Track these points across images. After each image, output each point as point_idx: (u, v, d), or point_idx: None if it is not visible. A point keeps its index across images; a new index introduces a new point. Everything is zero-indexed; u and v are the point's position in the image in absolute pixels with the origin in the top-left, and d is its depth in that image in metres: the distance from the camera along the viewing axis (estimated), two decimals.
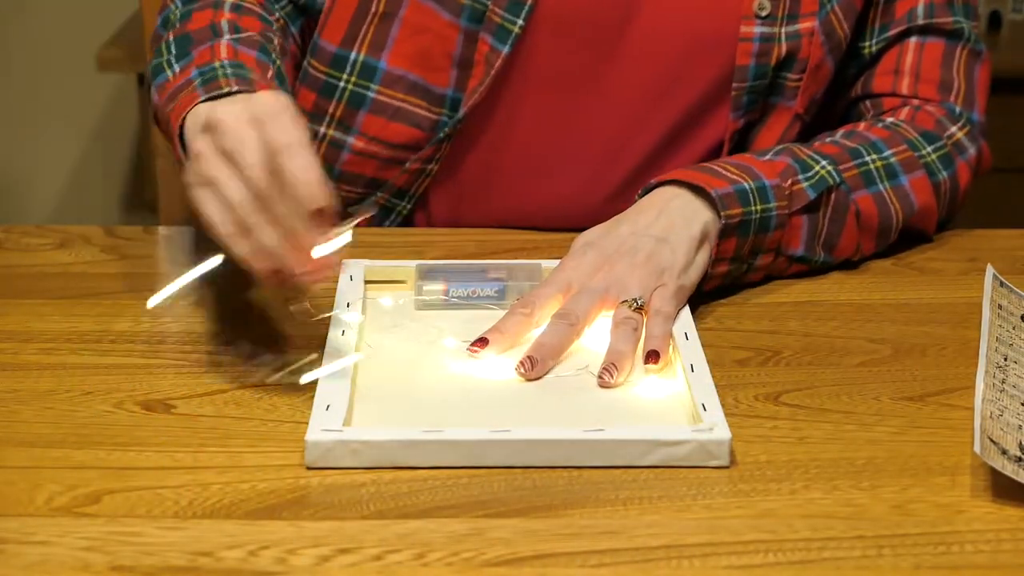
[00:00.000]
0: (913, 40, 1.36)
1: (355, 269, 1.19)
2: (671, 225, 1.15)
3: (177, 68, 1.19)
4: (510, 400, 1.03)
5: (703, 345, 1.08)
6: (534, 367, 1.04)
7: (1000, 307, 1.13)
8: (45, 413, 1.02)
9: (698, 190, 1.17)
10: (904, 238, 1.32)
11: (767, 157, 1.24)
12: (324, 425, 0.95)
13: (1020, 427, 0.96)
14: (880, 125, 1.32)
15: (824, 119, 1.40)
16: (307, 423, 0.96)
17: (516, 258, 1.25)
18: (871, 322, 1.17)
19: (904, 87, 1.36)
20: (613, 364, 1.04)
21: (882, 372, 1.09)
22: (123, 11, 2.71)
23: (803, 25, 1.31)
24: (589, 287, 1.11)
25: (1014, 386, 1.02)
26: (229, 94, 1.09)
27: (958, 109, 1.35)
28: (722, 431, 0.95)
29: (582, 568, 0.84)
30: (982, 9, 2.26)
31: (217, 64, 1.15)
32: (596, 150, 1.34)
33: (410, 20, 1.32)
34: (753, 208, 1.17)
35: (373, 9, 1.32)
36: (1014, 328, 1.11)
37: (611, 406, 1.02)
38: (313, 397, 1.00)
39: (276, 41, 1.26)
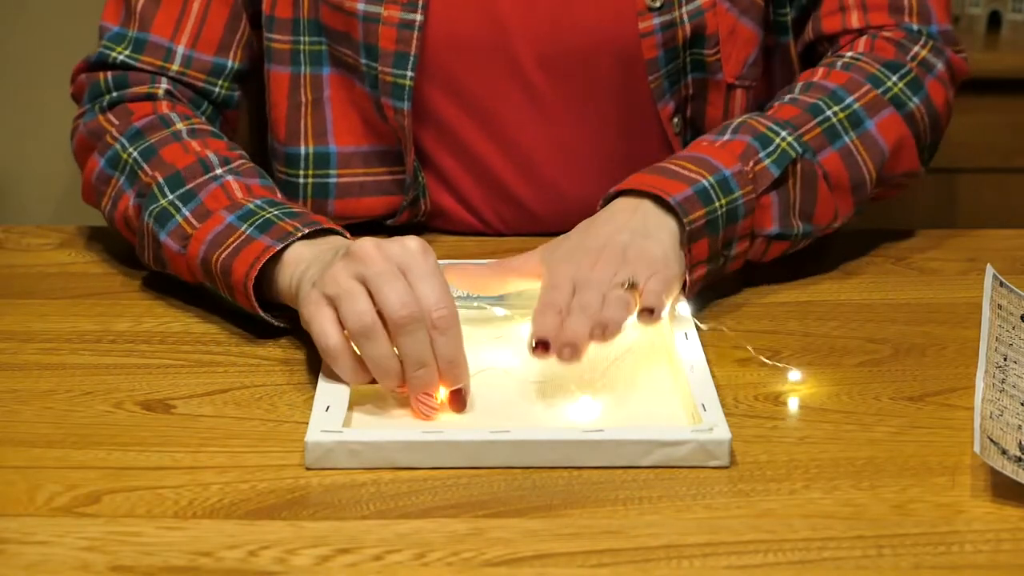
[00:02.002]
0: None
1: None
2: (648, 224, 1.14)
3: (187, 212, 1.16)
4: (510, 400, 1.03)
5: (703, 345, 1.08)
6: (576, 354, 1.02)
7: (1000, 307, 1.13)
8: (45, 413, 1.02)
9: (657, 198, 1.15)
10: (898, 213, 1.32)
11: (725, 137, 1.21)
12: (324, 426, 0.95)
13: (1020, 427, 0.96)
14: (839, 66, 1.29)
15: (784, 62, 1.39)
16: (307, 423, 0.96)
17: None
18: (871, 322, 1.17)
19: (854, 21, 1.33)
20: (605, 325, 1.03)
21: (882, 372, 1.09)
22: None
23: (702, 0, 1.30)
24: (593, 279, 1.09)
25: (1014, 386, 1.02)
26: (303, 238, 1.10)
27: (915, 26, 1.33)
28: (722, 431, 0.95)
29: (582, 568, 0.84)
30: (982, 9, 2.26)
31: (251, 205, 1.15)
32: (547, 167, 1.33)
33: (337, 97, 1.32)
34: (717, 204, 1.15)
35: (302, 99, 1.32)
36: (1014, 328, 1.11)
37: (611, 406, 1.02)
38: (313, 398, 1.00)
39: (244, 155, 1.24)
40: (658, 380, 1.05)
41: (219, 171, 1.19)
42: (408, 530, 0.87)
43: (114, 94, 1.28)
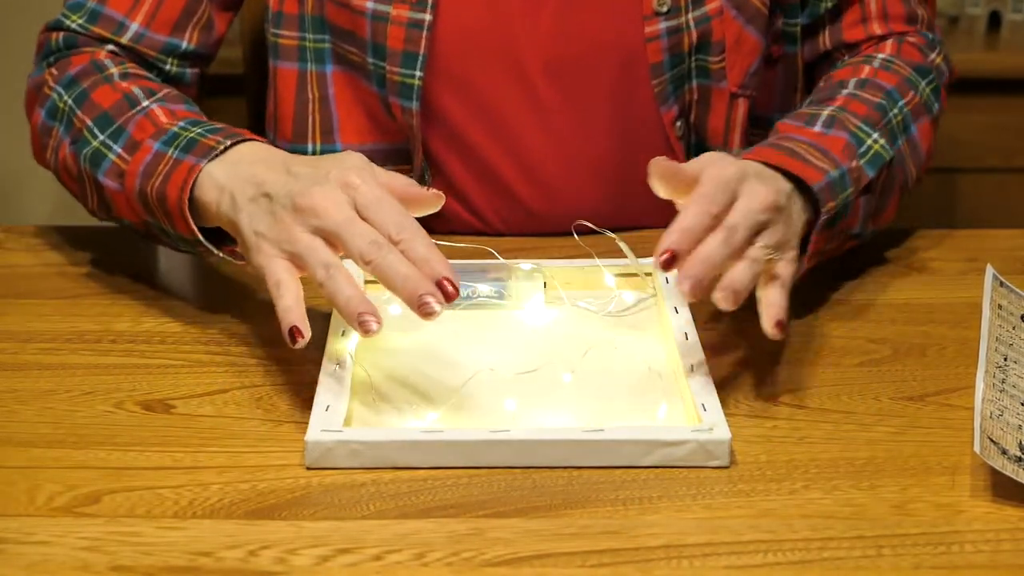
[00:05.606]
0: None
1: (355, 269, 1.19)
2: (791, 205, 1.09)
3: (119, 148, 1.17)
4: (511, 400, 1.03)
5: (703, 345, 1.08)
6: (697, 289, 0.98)
7: (1000, 307, 1.13)
8: (45, 413, 1.02)
9: (795, 179, 1.11)
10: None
11: (819, 128, 1.19)
12: (324, 426, 0.95)
13: (1020, 427, 0.96)
14: (878, 65, 1.30)
15: (788, 71, 1.38)
16: (307, 423, 0.96)
17: (516, 258, 1.25)
18: (871, 322, 1.17)
19: (877, 29, 1.35)
20: (732, 290, 1.00)
21: (882, 372, 1.09)
22: None
23: (710, 6, 1.29)
24: (754, 209, 1.03)
25: (1014, 386, 1.02)
26: (225, 150, 1.10)
27: (930, 35, 1.36)
28: (722, 431, 0.95)
29: (582, 568, 0.84)
30: (982, 9, 2.26)
31: (174, 129, 1.15)
32: (550, 168, 1.33)
33: (341, 96, 1.32)
34: (842, 198, 1.14)
35: (309, 96, 1.33)
36: (1014, 328, 1.11)
37: (611, 406, 1.02)
38: (313, 398, 1.00)
39: (172, 89, 1.24)
40: (658, 380, 1.05)
41: (145, 103, 1.19)
42: (408, 530, 0.87)
43: (62, 52, 1.29)
